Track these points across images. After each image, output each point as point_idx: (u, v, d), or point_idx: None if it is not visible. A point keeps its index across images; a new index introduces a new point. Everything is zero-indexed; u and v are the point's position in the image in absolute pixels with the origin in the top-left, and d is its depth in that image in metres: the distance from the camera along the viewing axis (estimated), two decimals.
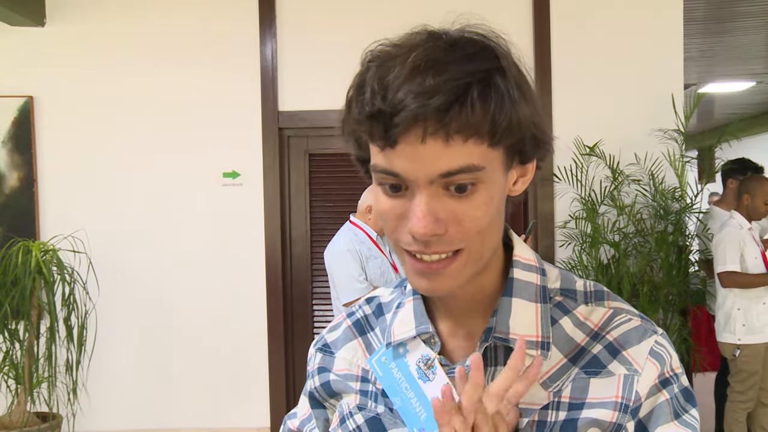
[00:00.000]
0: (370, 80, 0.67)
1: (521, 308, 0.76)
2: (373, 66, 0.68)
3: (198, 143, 4.03)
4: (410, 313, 0.81)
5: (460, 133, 0.64)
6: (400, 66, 0.65)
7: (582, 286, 0.80)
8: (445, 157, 0.65)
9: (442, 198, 0.67)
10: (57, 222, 3.99)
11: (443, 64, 0.64)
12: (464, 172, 0.66)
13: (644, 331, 0.75)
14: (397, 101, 0.63)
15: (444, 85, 0.63)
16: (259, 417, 4.08)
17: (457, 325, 0.79)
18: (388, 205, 0.70)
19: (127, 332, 4.05)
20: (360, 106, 0.67)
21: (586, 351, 0.75)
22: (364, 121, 0.67)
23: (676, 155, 3.81)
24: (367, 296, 0.91)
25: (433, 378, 0.77)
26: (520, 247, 0.80)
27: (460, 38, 0.68)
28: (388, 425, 0.80)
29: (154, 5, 4.04)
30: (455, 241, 0.68)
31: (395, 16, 3.97)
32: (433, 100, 0.62)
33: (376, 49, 0.70)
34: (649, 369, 0.73)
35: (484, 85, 0.65)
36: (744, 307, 3.67)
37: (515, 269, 0.78)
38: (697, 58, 6.11)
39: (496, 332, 0.75)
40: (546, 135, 0.72)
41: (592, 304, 0.78)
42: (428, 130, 0.64)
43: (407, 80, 0.64)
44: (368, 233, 3.31)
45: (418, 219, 0.66)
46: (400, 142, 0.65)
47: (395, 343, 0.81)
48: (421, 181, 0.66)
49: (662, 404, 0.72)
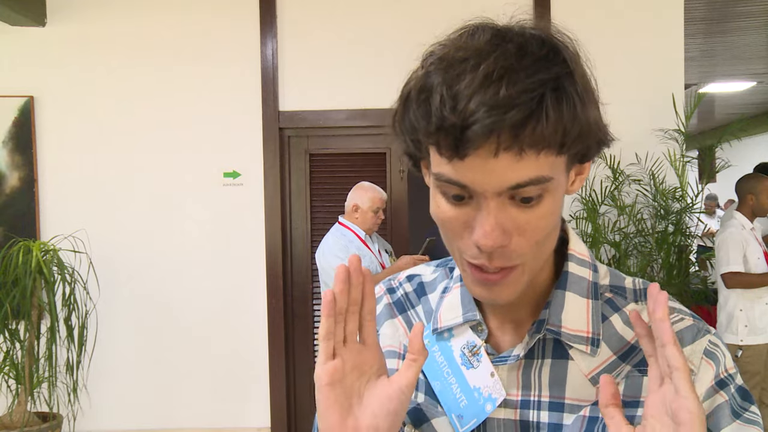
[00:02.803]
0: (437, 86, 0.63)
1: (574, 302, 0.75)
2: (438, 70, 0.64)
3: (198, 143, 4.03)
4: (457, 300, 0.80)
5: (533, 147, 0.62)
6: (469, 73, 0.61)
7: (631, 284, 0.79)
8: (517, 170, 0.63)
9: (508, 208, 0.66)
10: (57, 222, 3.99)
11: (515, 73, 0.61)
12: (534, 184, 0.64)
13: (697, 330, 0.74)
14: (468, 113, 0.60)
15: (518, 97, 0.60)
16: (260, 417, 4.08)
17: (504, 314, 0.78)
18: (451, 213, 0.68)
19: (128, 332, 4.05)
20: (426, 114, 0.63)
21: (637, 349, 0.74)
22: (432, 133, 0.63)
23: (677, 155, 3.81)
24: (408, 273, 0.90)
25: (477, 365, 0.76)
26: (575, 241, 0.79)
27: (527, 39, 0.65)
28: (430, 415, 0.79)
29: (154, 5, 4.04)
30: (515, 255, 0.67)
31: (395, 16, 3.97)
32: (508, 115, 0.60)
33: (438, 50, 0.66)
34: (705, 369, 0.72)
35: (556, 94, 0.62)
36: (746, 307, 3.67)
37: (570, 263, 0.77)
38: (698, 58, 6.11)
39: (548, 324, 0.74)
40: (608, 135, 0.71)
41: (642, 303, 0.77)
42: (502, 144, 0.61)
43: (479, 90, 0.60)
44: (356, 232, 3.39)
45: (486, 233, 0.65)
46: (471, 154, 0.62)
47: (442, 329, 0.80)
48: (489, 193, 0.64)
49: (722, 405, 0.72)
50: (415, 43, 0.71)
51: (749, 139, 9.36)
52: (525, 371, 0.76)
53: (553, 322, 0.74)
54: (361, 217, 3.39)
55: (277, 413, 4.08)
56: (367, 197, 3.39)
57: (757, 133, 9.55)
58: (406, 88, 0.67)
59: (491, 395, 0.75)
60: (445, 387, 0.78)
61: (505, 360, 0.76)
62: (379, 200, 3.41)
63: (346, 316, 0.70)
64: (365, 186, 3.46)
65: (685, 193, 3.81)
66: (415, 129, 0.65)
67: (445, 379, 0.78)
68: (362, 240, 3.38)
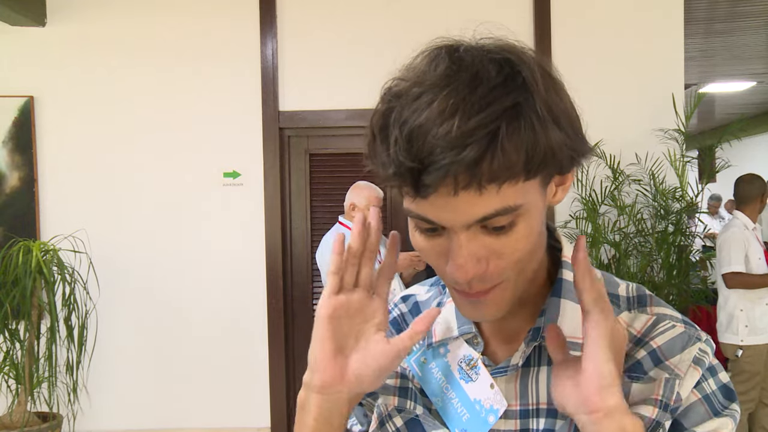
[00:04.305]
0: (393, 125, 0.63)
1: (570, 309, 0.75)
2: (395, 106, 0.64)
3: (199, 143, 4.03)
4: (452, 314, 0.80)
5: (493, 182, 0.61)
6: (425, 111, 0.61)
7: (624, 291, 0.79)
8: (480, 204, 0.62)
9: (480, 237, 0.65)
10: (57, 222, 4.00)
11: (469, 106, 0.60)
12: (501, 214, 0.64)
13: (688, 338, 0.75)
14: (423, 155, 0.60)
15: (472, 134, 0.59)
16: (260, 417, 4.08)
17: (499, 325, 0.78)
18: (426, 245, 0.68)
19: (128, 332, 4.05)
20: (385, 158, 0.63)
21: (629, 356, 0.74)
22: (391, 177, 0.63)
23: (677, 155, 3.81)
24: (402, 294, 0.90)
25: (476, 378, 0.76)
26: (568, 247, 0.79)
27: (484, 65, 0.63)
28: (428, 427, 0.79)
29: (154, 5, 4.04)
30: (494, 278, 0.67)
31: (395, 16, 3.97)
32: (462, 154, 0.59)
33: (395, 84, 0.66)
34: (692, 374, 0.73)
35: (514, 122, 0.61)
36: (747, 308, 3.67)
37: (564, 270, 0.77)
38: (698, 58, 6.11)
39: (544, 332, 0.74)
40: (586, 146, 0.69)
41: (635, 311, 0.77)
42: (460, 183, 0.61)
43: (432, 129, 0.60)
44: None
45: (459, 265, 0.65)
46: (431, 194, 0.62)
47: (437, 344, 0.80)
48: (458, 227, 0.64)
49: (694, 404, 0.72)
50: (415, 43, 0.71)
51: (749, 139, 9.36)
52: (522, 380, 0.76)
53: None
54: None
55: (277, 413, 4.08)
56: (363, 196, 3.42)
57: (757, 133, 9.55)
58: (371, 122, 0.67)
59: (493, 406, 0.75)
60: (446, 403, 0.78)
61: (504, 371, 0.76)
62: (375, 199, 3.44)
63: (361, 260, 0.73)
64: (361, 185, 3.49)
65: (685, 193, 3.81)
66: (379, 170, 0.65)
67: (445, 395, 0.78)
68: None
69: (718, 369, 0.75)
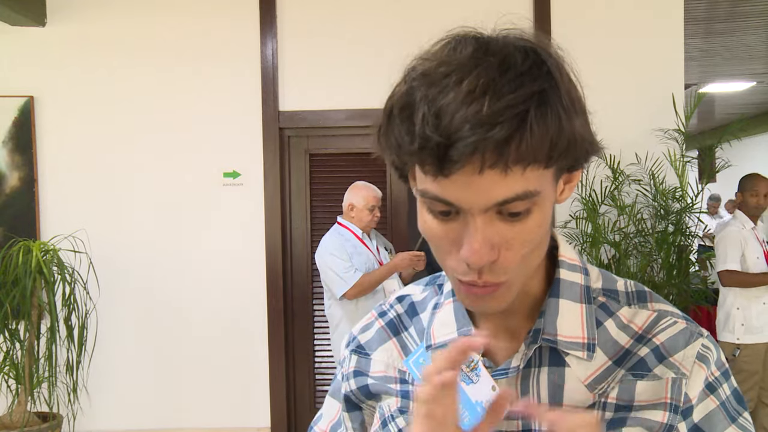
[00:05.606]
0: (420, 103, 0.62)
1: (568, 309, 0.75)
2: (421, 86, 0.63)
3: (199, 143, 4.03)
4: (450, 315, 0.80)
5: (519, 163, 0.61)
6: (452, 89, 0.61)
7: (623, 286, 0.79)
8: (503, 186, 0.62)
9: (495, 223, 0.65)
10: (57, 222, 4.00)
11: (498, 88, 0.60)
12: (521, 199, 0.63)
13: (690, 334, 0.75)
14: (452, 131, 0.60)
15: (502, 113, 0.59)
16: (260, 417, 4.08)
17: (499, 326, 0.78)
18: (438, 230, 0.67)
19: (128, 332, 4.05)
20: (409, 132, 0.63)
21: (631, 353, 0.74)
22: (415, 152, 0.62)
23: (677, 155, 3.81)
24: (398, 294, 0.89)
25: (476, 380, 0.75)
26: (564, 246, 0.79)
27: (510, 52, 0.64)
28: None
29: (154, 5, 4.04)
30: (502, 271, 0.67)
31: (395, 16, 3.97)
32: (492, 132, 0.59)
33: (420, 64, 0.65)
34: (697, 372, 0.73)
35: (541, 108, 0.61)
36: (743, 306, 3.67)
37: (561, 269, 0.77)
38: (698, 58, 6.11)
39: (544, 334, 0.74)
40: (596, 144, 0.70)
41: (635, 306, 0.77)
42: (486, 162, 0.60)
43: (461, 107, 0.60)
44: (353, 231, 3.45)
45: (474, 250, 0.64)
46: (455, 172, 0.62)
47: (436, 346, 0.80)
48: (476, 210, 0.64)
49: (714, 411, 0.73)
50: (415, 43, 0.71)
51: (749, 139, 9.36)
52: (523, 381, 0.76)
53: (548, 331, 0.74)
54: (357, 215, 3.44)
55: (277, 413, 4.08)
56: (362, 196, 3.43)
57: (757, 133, 9.55)
58: (389, 103, 0.66)
59: None
60: None
61: (505, 373, 0.76)
62: (373, 198, 3.44)
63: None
64: (359, 185, 3.50)
65: (685, 193, 3.81)
66: (399, 146, 0.65)
67: None
68: (359, 238, 3.43)
69: (729, 372, 0.76)
